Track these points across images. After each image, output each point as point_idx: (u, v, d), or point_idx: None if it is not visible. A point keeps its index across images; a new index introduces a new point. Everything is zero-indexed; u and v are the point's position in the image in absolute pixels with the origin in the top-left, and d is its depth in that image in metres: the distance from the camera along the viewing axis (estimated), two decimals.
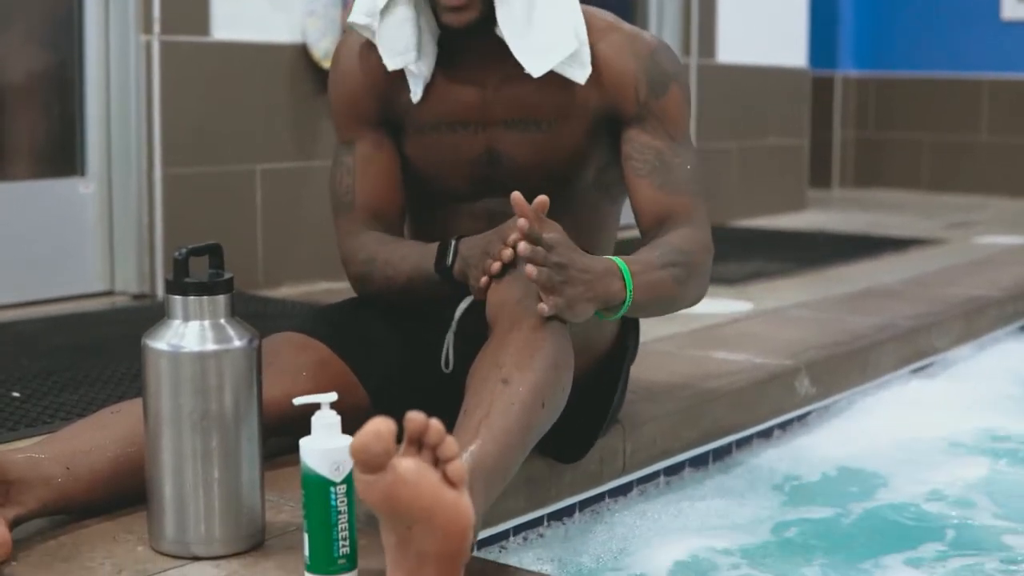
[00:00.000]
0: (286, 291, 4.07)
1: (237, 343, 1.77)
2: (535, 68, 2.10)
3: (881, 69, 7.59)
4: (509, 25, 2.08)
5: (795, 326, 3.51)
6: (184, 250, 1.78)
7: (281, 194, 4.16)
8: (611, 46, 2.16)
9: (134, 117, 3.83)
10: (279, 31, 4.14)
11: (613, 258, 1.97)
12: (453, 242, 2.08)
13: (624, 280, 1.94)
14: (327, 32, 4.15)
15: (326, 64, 4.09)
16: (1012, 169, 7.17)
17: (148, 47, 3.82)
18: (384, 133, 2.24)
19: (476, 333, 1.97)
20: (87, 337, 3.34)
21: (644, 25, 5.68)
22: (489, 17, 2.09)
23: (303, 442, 1.68)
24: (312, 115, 4.19)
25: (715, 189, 5.75)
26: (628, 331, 2.29)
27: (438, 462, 1.54)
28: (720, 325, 3.49)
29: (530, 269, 1.85)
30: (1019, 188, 7.10)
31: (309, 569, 1.69)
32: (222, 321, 1.78)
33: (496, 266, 1.95)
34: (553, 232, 1.88)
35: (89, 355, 3.09)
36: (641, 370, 2.71)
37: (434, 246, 2.11)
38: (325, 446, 1.67)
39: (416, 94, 2.17)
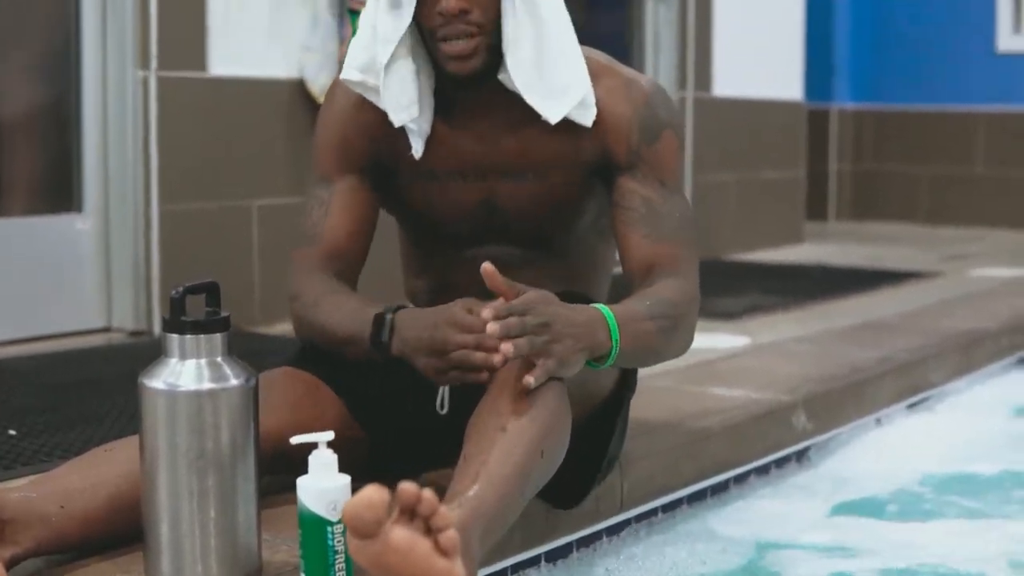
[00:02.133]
0: (283, 327, 4.06)
1: (234, 382, 1.77)
2: (552, 114, 2.06)
3: (877, 102, 7.60)
4: (520, 72, 2.05)
5: (792, 360, 3.51)
6: (181, 288, 1.78)
7: (278, 230, 4.16)
8: (607, 91, 2.13)
9: (131, 153, 3.84)
10: (276, 66, 4.15)
11: (598, 306, 1.96)
12: (389, 317, 1.99)
13: (610, 329, 1.93)
14: (324, 67, 4.16)
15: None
16: (1008, 201, 7.18)
17: (145, 82, 3.82)
18: (366, 178, 2.20)
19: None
20: (84, 374, 3.33)
21: (640, 58, 5.69)
22: (491, 65, 2.07)
23: (300, 481, 1.68)
24: (309, 151, 4.17)
25: (712, 223, 5.76)
26: (626, 378, 2.25)
27: (430, 531, 1.55)
28: (717, 360, 3.49)
29: (506, 347, 1.80)
30: (1016, 220, 7.11)
31: None
32: (219, 359, 1.78)
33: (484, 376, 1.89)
34: (525, 294, 1.86)
35: (86, 392, 3.08)
36: (638, 406, 2.69)
37: (372, 313, 2.02)
38: (322, 485, 1.66)
39: (418, 151, 2.13)
